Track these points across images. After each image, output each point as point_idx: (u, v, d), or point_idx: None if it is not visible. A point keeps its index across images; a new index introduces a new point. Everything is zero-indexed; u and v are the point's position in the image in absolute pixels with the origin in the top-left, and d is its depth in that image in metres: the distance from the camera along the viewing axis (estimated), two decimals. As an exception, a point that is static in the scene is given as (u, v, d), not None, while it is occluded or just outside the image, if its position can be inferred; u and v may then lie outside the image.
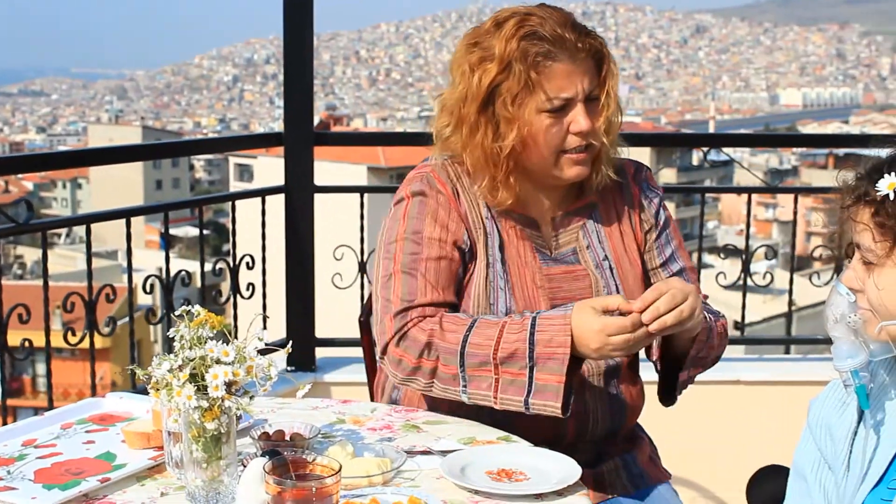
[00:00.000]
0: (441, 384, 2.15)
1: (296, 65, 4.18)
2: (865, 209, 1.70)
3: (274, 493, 1.64)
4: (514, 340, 2.09)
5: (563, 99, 2.19)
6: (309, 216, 4.25)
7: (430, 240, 2.24)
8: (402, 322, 2.17)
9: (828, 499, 1.91)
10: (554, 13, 2.22)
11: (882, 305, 1.69)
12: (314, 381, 4.30)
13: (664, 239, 2.41)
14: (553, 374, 2.07)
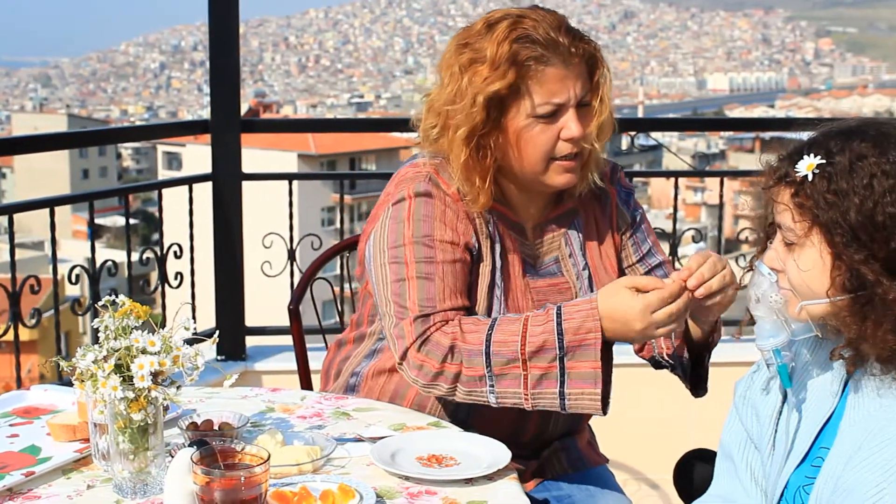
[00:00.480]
0: (465, 388, 2.05)
1: (222, 51, 4.14)
2: (786, 190, 1.72)
3: (202, 483, 1.63)
4: (540, 333, 2.00)
5: (555, 104, 2.12)
6: (237, 204, 4.22)
7: (442, 243, 2.14)
8: (423, 326, 2.08)
9: (754, 478, 1.93)
10: (547, 16, 2.15)
11: (802, 285, 1.72)
12: (245, 369, 4.28)
13: (640, 236, 2.39)
14: (587, 361, 1.99)
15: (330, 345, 2.51)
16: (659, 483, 4.11)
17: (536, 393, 2.02)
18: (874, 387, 1.68)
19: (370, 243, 2.21)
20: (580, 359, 1.99)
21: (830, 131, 1.72)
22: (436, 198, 2.18)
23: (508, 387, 2.02)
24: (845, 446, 1.68)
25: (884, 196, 1.63)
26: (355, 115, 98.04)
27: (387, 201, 2.21)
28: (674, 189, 4.61)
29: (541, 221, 2.30)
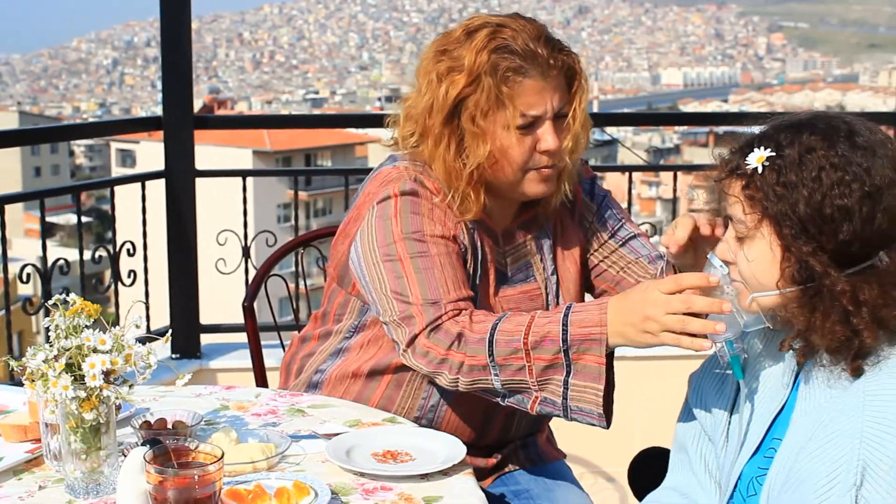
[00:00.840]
0: (467, 378, 2.00)
1: (174, 47, 4.12)
2: (737, 182, 1.73)
3: (155, 482, 1.62)
4: (545, 324, 1.95)
5: (532, 116, 2.10)
6: (190, 201, 4.19)
7: (433, 237, 2.11)
8: (435, 314, 2.03)
9: (708, 470, 1.95)
10: (527, 26, 2.12)
11: (753, 277, 1.73)
12: (199, 368, 4.25)
13: (607, 214, 2.38)
14: (591, 355, 1.93)
15: (292, 339, 2.49)
16: (615, 476, 4.13)
17: (544, 380, 1.96)
18: (824, 378, 1.70)
19: (357, 243, 2.17)
20: (585, 352, 1.93)
21: (781, 124, 1.74)
22: (422, 196, 2.14)
23: (514, 376, 1.98)
24: (797, 437, 1.70)
25: (832, 188, 1.64)
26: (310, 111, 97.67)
27: (370, 200, 2.18)
28: (628, 183, 4.63)
29: (510, 227, 2.28)
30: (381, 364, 2.24)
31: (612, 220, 2.39)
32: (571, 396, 1.95)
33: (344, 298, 2.29)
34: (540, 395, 1.98)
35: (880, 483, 1.56)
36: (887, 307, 1.64)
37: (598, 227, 2.37)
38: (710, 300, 1.77)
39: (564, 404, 1.96)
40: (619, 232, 2.38)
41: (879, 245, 1.66)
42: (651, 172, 44.80)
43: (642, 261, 2.35)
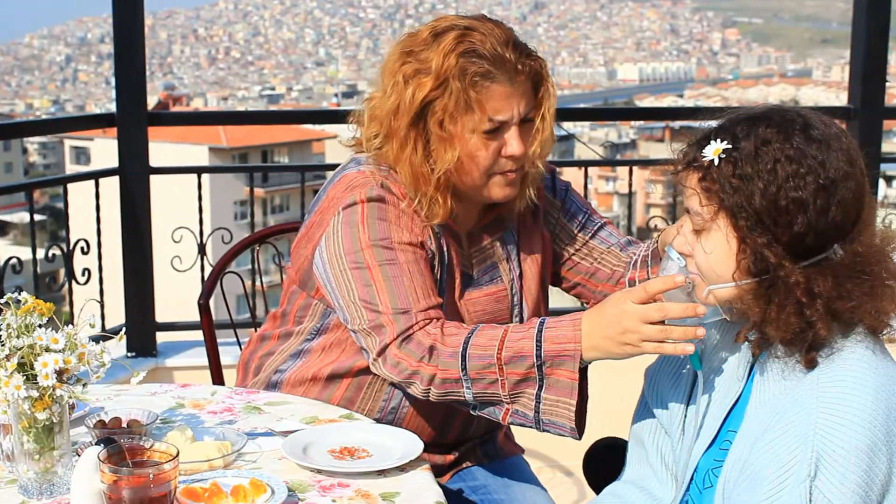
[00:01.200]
0: (439, 390, 2.00)
1: (127, 43, 4.08)
2: (693, 174, 1.74)
3: (109, 481, 1.61)
4: (519, 339, 1.95)
5: (499, 121, 2.09)
6: (145, 198, 4.16)
7: (401, 244, 2.10)
8: (406, 323, 2.03)
9: (665, 463, 1.96)
10: (496, 30, 2.11)
11: (709, 269, 1.74)
12: (155, 366, 4.22)
13: (572, 208, 2.40)
14: (564, 370, 1.93)
15: (251, 337, 2.48)
16: (572, 470, 4.15)
17: (516, 394, 1.97)
18: (778, 369, 1.71)
19: (322, 249, 2.15)
20: (558, 367, 1.93)
21: (737, 117, 1.75)
22: (389, 202, 2.13)
23: (486, 389, 1.98)
24: (751, 429, 1.71)
25: (787, 181, 1.66)
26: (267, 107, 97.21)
27: (334, 205, 2.16)
28: (584, 178, 4.64)
29: (474, 229, 2.27)
30: (341, 368, 2.24)
31: (579, 213, 2.40)
32: (543, 410, 1.96)
33: (305, 301, 2.28)
34: (511, 408, 1.98)
35: (834, 474, 1.57)
36: (841, 299, 1.66)
37: (565, 222, 2.39)
38: (684, 305, 1.78)
39: (536, 417, 1.97)
40: (587, 224, 2.40)
41: (834, 237, 1.68)
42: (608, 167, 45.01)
43: (614, 249, 2.38)
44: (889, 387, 1.64)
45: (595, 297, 2.40)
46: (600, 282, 2.40)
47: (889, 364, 1.69)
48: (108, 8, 4.04)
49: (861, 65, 4.56)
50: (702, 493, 1.82)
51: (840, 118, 4.65)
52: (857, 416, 1.59)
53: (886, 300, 1.68)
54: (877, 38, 4.53)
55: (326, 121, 5.03)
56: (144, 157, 4.15)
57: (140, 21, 4.10)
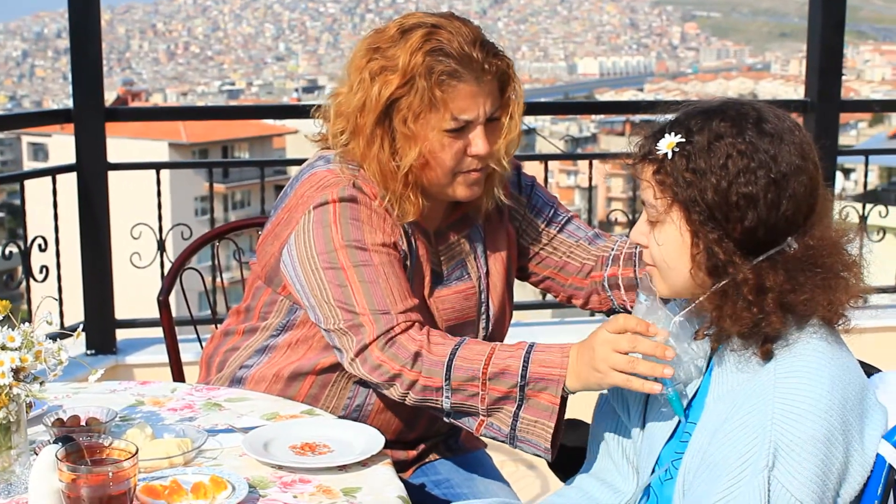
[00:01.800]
0: (418, 396, 2.01)
1: (83, 37, 4.05)
2: (648, 167, 1.75)
3: (68, 480, 1.59)
4: (506, 357, 1.96)
5: (464, 120, 2.08)
6: (103, 194, 4.13)
7: (374, 246, 2.09)
8: (387, 325, 2.02)
9: (626, 455, 1.97)
10: (463, 28, 2.10)
11: (662, 261, 1.76)
12: (116, 363, 4.20)
13: (539, 203, 2.40)
14: (546, 394, 1.94)
15: (214, 333, 2.46)
16: (535, 463, 4.16)
17: (495, 409, 1.98)
18: (736, 361, 1.72)
19: (292, 247, 2.13)
20: (541, 391, 1.94)
21: (693, 110, 1.76)
22: (361, 202, 2.11)
23: (465, 401, 1.99)
24: (710, 420, 1.72)
25: (738, 176, 1.67)
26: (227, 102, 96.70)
27: (304, 203, 2.14)
28: (545, 172, 4.65)
29: (442, 227, 2.27)
30: (306, 366, 2.23)
31: (545, 208, 2.40)
32: (520, 427, 1.97)
33: (271, 297, 2.27)
34: (487, 420, 1.99)
35: (791, 463, 1.59)
36: (794, 292, 1.67)
37: (532, 217, 2.39)
38: (655, 344, 1.79)
39: (512, 434, 1.98)
40: (554, 218, 2.40)
41: (786, 231, 1.69)
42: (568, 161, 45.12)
43: (583, 243, 2.39)
44: (844, 376, 1.65)
45: (564, 291, 2.42)
46: (570, 275, 2.40)
47: (844, 354, 1.70)
48: (65, 3, 4.00)
49: (817, 59, 4.60)
50: (663, 484, 1.83)
51: (797, 111, 4.69)
52: (813, 406, 1.60)
53: (840, 292, 1.70)
54: (832, 32, 4.58)
55: (287, 116, 5.00)
56: (102, 154, 4.12)
57: (96, 15, 4.06)
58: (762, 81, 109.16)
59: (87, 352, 4.20)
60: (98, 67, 4.08)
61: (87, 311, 4.21)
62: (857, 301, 1.73)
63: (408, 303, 2.06)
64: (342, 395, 2.23)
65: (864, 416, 1.66)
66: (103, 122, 4.10)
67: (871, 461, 1.65)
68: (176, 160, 33.90)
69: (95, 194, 4.13)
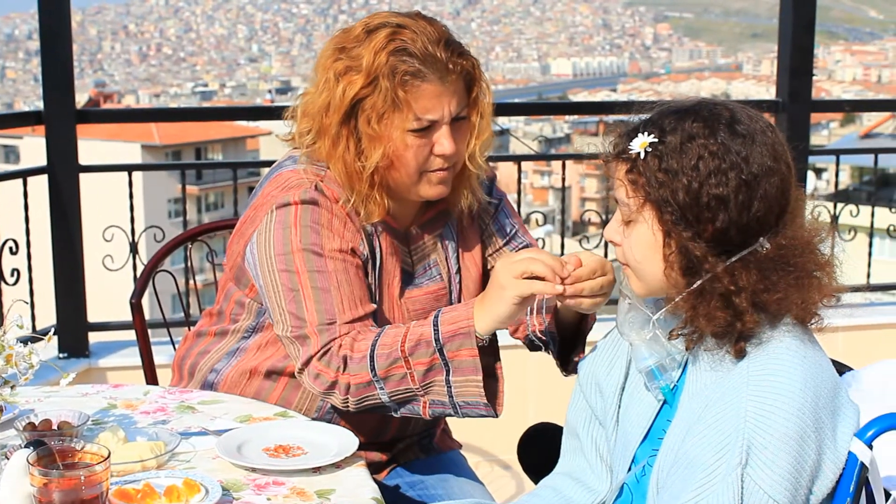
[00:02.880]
0: (356, 397, 2.03)
1: (54, 39, 4.02)
2: (621, 166, 1.75)
3: (39, 484, 1.58)
4: (418, 330, 2.00)
5: (429, 120, 2.09)
6: (74, 197, 4.10)
7: (332, 252, 2.10)
8: (329, 337, 2.05)
9: (600, 454, 1.97)
10: (428, 28, 2.10)
11: (635, 260, 1.76)
12: (88, 366, 4.17)
13: (503, 220, 2.39)
14: (465, 350, 1.97)
15: (186, 335, 2.46)
16: (510, 463, 4.17)
17: (427, 384, 2.00)
18: (710, 360, 1.73)
19: (254, 247, 2.15)
20: (458, 349, 1.97)
21: (667, 110, 1.76)
22: (322, 206, 2.12)
23: (398, 386, 2.01)
24: (685, 419, 1.72)
25: (709, 177, 1.67)
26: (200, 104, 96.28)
27: (268, 203, 2.14)
28: (517, 173, 4.66)
29: (414, 226, 2.27)
30: (278, 366, 2.23)
31: (508, 226, 2.40)
32: (456, 393, 1.99)
33: (240, 298, 2.27)
34: (427, 399, 2.01)
35: (764, 460, 1.59)
36: (767, 292, 1.68)
37: (494, 231, 2.38)
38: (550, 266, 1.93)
39: (452, 402, 2.00)
40: (514, 239, 2.39)
41: (758, 231, 1.70)
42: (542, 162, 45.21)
43: None
44: (817, 374, 1.66)
45: None
46: None
47: (817, 352, 1.71)
48: (36, 4, 3.98)
49: (788, 59, 4.62)
50: (639, 482, 1.84)
51: (769, 111, 4.71)
52: (786, 403, 1.61)
53: (813, 291, 1.70)
54: (803, 32, 4.60)
55: (260, 117, 4.99)
56: (73, 156, 4.09)
57: (67, 16, 4.04)
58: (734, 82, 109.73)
59: (60, 355, 4.17)
60: (69, 69, 4.06)
61: (60, 315, 4.19)
62: (831, 300, 1.74)
63: (356, 311, 2.08)
64: (315, 397, 2.22)
65: (836, 413, 1.67)
66: (74, 123, 4.08)
67: (843, 458, 1.66)
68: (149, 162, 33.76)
69: (67, 197, 4.10)
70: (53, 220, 4.14)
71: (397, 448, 2.37)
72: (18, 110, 35.74)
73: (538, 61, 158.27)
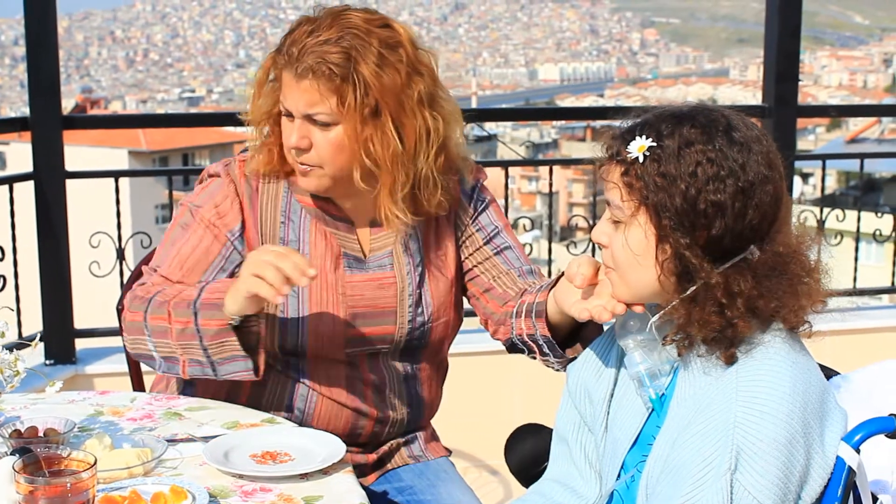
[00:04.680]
0: (130, 337, 2.18)
1: (40, 44, 4.01)
2: (616, 168, 1.75)
3: (25, 492, 1.58)
4: (191, 291, 2.12)
5: (285, 108, 2.16)
6: (60, 203, 4.09)
7: (201, 220, 2.23)
8: (145, 279, 2.24)
9: (589, 460, 1.97)
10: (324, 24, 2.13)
11: (624, 261, 1.75)
12: (75, 373, 4.15)
13: (484, 220, 2.38)
14: (213, 321, 2.06)
15: None
16: (498, 469, 4.16)
17: (184, 344, 2.09)
18: (700, 366, 1.72)
19: None
20: (209, 318, 2.06)
21: (663, 114, 1.75)
22: (221, 181, 2.26)
23: (161, 338, 2.12)
24: (674, 425, 1.72)
25: (707, 184, 1.67)
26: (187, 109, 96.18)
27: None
28: (505, 178, 4.66)
29: (377, 219, 2.26)
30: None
31: (490, 226, 2.38)
32: (212, 353, 2.08)
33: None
34: (185, 358, 2.11)
35: (753, 466, 1.59)
36: (762, 298, 1.68)
37: (473, 231, 2.37)
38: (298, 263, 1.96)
39: (210, 361, 2.10)
40: (494, 239, 2.38)
41: (751, 239, 1.70)
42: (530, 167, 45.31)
43: (513, 273, 2.36)
44: (805, 380, 1.66)
45: (484, 314, 2.39)
46: (491, 299, 2.36)
47: (805, 357, 1.72)
48: (21, 9, 3.97)
49: (774, 64, 4.64)
50: (628, 488, 1.84)
51: (755, 116, 4.72)
52: (774, 409, 1.61)
53: (804, 297, 1.71)
54: (789, 37, 4.61)
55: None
56: (60, 162, 4.08)
57: (53, 22, 4.03)
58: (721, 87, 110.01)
59: (46, 362, 4.15)
60: (55, 75, 4.05)
61: (46, 321, 4.17)
62: (819, 305, 1.74)
63: (177, 272, 2.22)
64: (282, 391, 2.25)
65: (824, 418, 1.68)
66: (61, 129, 4.06)
67: (831, 463, 1.66)
68: (136, 168, 33.69)
69: (53, 203, 4.09)
70: (40, 226, 4.12)
71: (383, 450, 2.37)
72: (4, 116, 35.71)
73: (525, 67, 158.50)
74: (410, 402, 2.35)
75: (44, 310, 4.17)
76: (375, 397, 2.29)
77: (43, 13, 3.99)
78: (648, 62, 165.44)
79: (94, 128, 5.03)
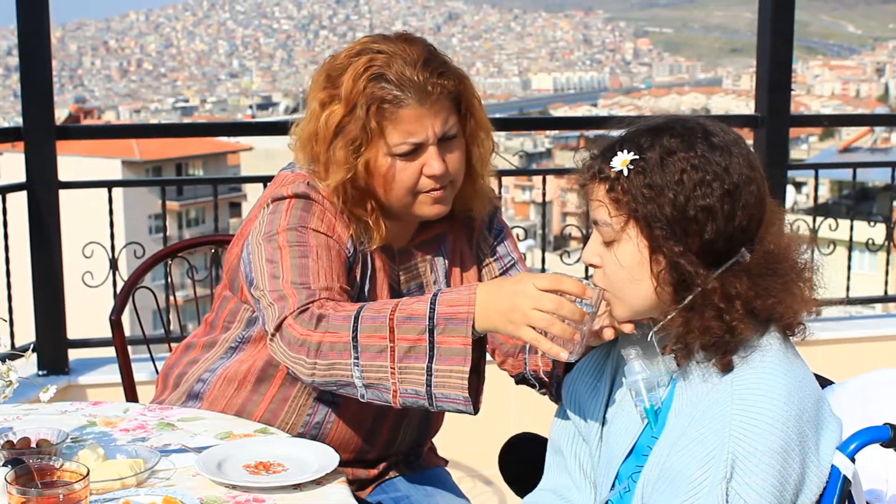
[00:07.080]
0: (325, 361, 1.90)
1: (33, 54, 4.01)
2: (601, 186, 1.76)
3: (18, 503, 1.57)
4: (413, 304, 1.89)
5: (413, 144, 2.08)
6: (54, 213, 4.09)
7: (315, 231, 2.09)
8: (308, 297, 1.98)
9: (583, 471, 1.97)
10: (407, 49, 2.09)
11: (619, 279, 1.75)
12: (68, 384, 4.15)
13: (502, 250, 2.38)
14: (457, 336, 1.85)
15: (176, 347, 2.45)
16: (493, 479, 4.16)
17: (403, 367, 1.87)
18: (698, 375, 1.73)
19: (248, 241, 2.15)
20: (450, 333, 1.85)
21: (639, 129, 1.77)
22: (315, 200, 2.13)
23: (373, 360, 1.88)
24: (670, 433, 1.72)
25: (694, 190, 1.68)
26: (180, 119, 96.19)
27: (264, 200, 2.18)
28: (498, 188, 4.66)
29: (407, 246, 2.26)
30: (267, 373, 2.22)
31: (506, 257, 2.39)
32: (436, 383, 1.87)
33: (235, 306, 2.27)
34: (400, 388, 1.89)
35: (749, 474, 1.60)
36: (759, 298, 1.69)
37: (491, 260, 2.38)
38: (576, 309, 1.77)
39: (429, 391, 1.88)
40: (510, 270, 2.38)
41: (741, 241, 1.71)
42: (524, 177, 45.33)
43: None
44: (801, 388, 1.67)
45: (493, 343, 2.32)
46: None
47: (800, 366, 1.72)
48: (15, 19, 3.96)
49: (767, 74, 4.65)
50: (622, 497, 1.84)
51: (748, 126, 4.74)
52: (770, 418, 1.62)
53: (798, 293, 1.72)
54: (782, 47, 4.63)
55: (241, 133, 4.98)
56: (53, 172, 4.08)
57: (46, 32, 4.03)
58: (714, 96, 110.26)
59: (39, 372, 4.15)
60: (49, 85, 4.05)
61: (39, 331, 4.16)
62: (813, 309, 1.75)
63: (333, 283, 2.04)
64: (302, 411, 2.21)
65: (819, 427, 1.68)
66: (54, 140, 4.06)
67: (826, 472, 1.67)
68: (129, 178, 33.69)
69: (46, 213, 4.09)
70: (33, 236, 4.12)
71: (384, 464, 2.37)
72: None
73: (519, 76, 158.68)
74: (421, 426, 2.36)
75: (37, 320, 4.16)
76: (393, 423, 2.28)
77: (36, 23, 3.99)
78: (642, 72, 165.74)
79: (87, 138, 5.03)
